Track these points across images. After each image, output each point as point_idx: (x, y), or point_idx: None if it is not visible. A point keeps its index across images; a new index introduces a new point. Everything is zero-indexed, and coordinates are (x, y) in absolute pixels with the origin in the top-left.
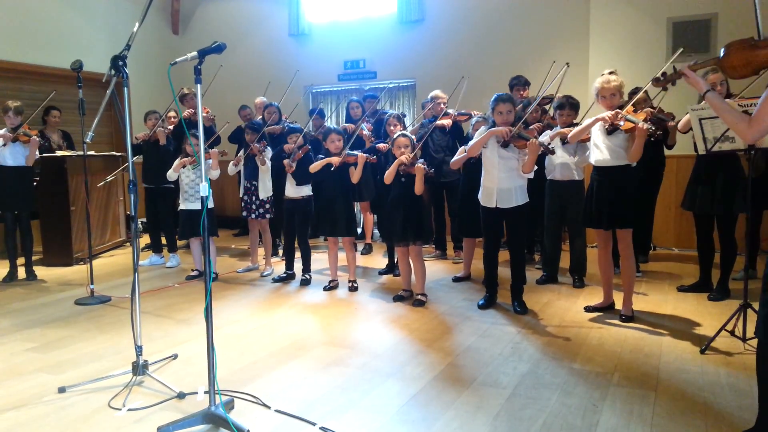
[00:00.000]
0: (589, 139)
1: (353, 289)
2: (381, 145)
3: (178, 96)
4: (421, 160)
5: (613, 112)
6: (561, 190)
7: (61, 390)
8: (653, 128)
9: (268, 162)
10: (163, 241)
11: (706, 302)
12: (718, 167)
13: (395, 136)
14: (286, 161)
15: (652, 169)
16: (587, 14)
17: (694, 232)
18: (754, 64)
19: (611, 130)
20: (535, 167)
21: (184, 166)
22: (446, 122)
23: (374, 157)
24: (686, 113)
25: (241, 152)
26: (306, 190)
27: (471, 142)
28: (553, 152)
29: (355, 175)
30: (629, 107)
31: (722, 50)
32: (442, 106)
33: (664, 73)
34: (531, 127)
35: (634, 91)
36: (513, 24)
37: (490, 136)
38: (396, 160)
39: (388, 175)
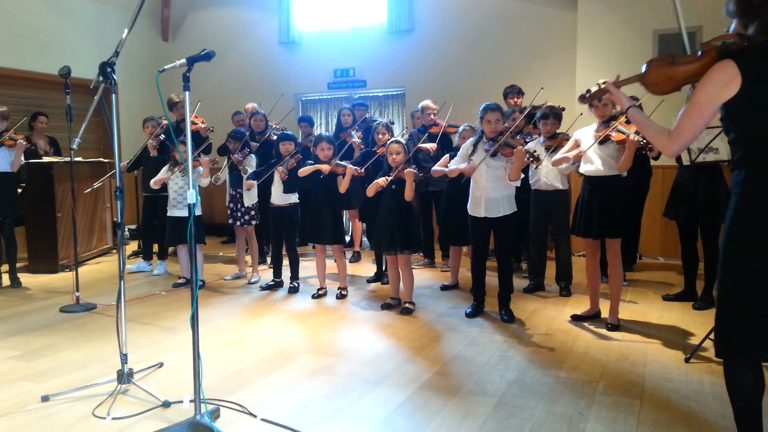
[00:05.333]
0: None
1: (342, 296)
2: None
3: (167, 103)
4: (413, 165)
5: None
6: (545, 199)
7: (45, 399)
8: (644, 140)
9: (250, 170)
10: (155, 248)
11: (691, 311)
12: (702, 178)
13: (389, 142)
14: (279, 168)
15: (639, 179)
16: (575, 26)
17: (679, 242)
18: (674, 81)
19: (603, 140)
20: (522, 175)
21: (172, 173)
22: (430, 146)
23: (362, 170)
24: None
25: (225, 162)
26: (293, 198)
27: (449, 166)
28: (538, 159)
29: (342, 185)
30: (622, 118)
31: (643, 67)
32: (432, 116)
33: (588, 90)
34: (518, 137)
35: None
36: (501, 35)
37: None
38: (373, 183)
39: (369, 191)
